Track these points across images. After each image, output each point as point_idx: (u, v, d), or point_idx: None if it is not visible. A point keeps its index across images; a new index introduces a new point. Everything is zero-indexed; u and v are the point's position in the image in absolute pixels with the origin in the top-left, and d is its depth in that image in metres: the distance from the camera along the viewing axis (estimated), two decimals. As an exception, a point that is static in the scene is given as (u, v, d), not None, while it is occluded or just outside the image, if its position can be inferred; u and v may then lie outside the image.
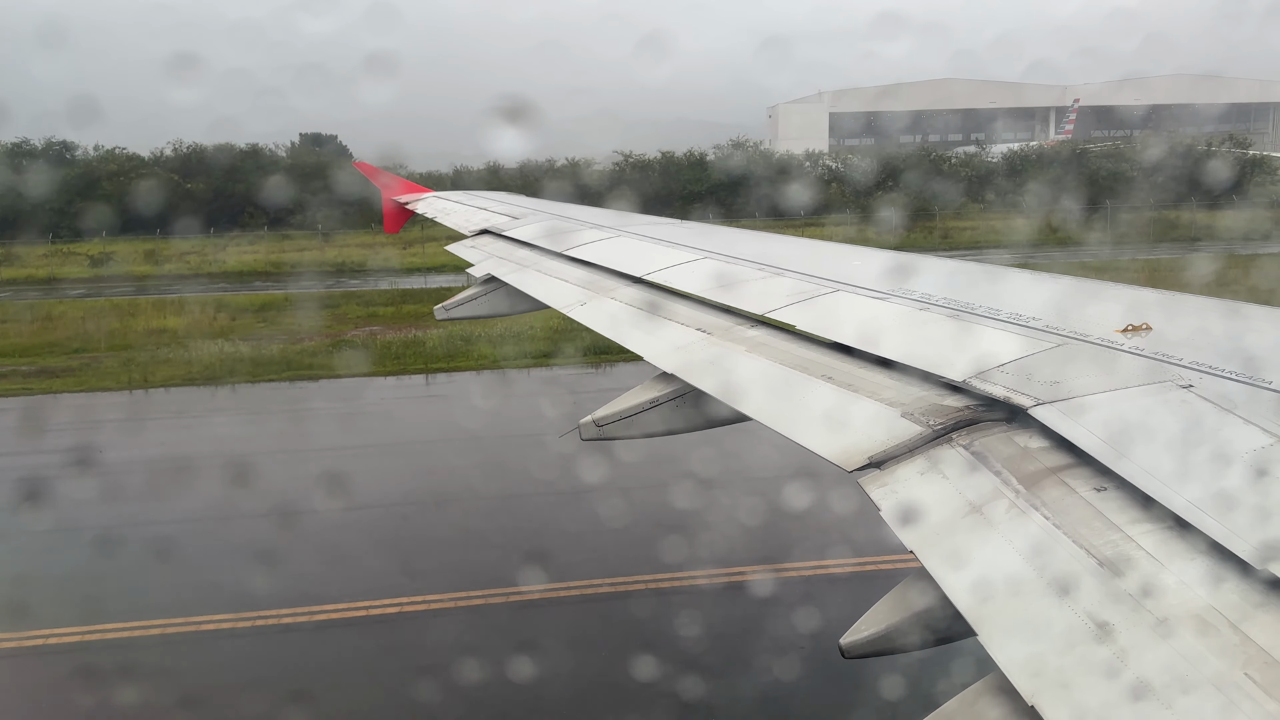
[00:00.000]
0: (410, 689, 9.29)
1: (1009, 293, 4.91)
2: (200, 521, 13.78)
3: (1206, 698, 1.98)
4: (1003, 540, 2.72)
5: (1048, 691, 2.17)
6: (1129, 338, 3.74)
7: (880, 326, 4.60)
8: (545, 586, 11.19)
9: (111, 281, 39.04)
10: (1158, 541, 2.48)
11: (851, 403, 3.94)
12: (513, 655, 9.65)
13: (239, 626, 10.61)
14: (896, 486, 3.18)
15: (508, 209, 12.69)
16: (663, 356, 5.30)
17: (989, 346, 3.93)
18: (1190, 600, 2.25)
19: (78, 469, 16.01)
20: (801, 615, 9.90)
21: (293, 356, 24.37)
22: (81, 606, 11.12)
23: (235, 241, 47.26)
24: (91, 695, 9.43)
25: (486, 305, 9.25)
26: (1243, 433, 2.80)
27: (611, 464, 12.79)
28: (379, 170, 17.64)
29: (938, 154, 62.91)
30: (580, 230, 9.61)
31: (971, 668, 2.57)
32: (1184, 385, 3.18)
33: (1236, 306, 4.29)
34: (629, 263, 7.35)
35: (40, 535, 13.19)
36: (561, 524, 13.33)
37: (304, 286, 37.08)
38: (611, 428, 5.21)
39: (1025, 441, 3.16)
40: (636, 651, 9.50)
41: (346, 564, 12.23)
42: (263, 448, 17.51)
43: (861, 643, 2.87)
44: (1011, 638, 2.37)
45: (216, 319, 29.64)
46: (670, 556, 11.30)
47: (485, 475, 15.49)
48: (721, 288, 6.09)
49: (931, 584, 2.69)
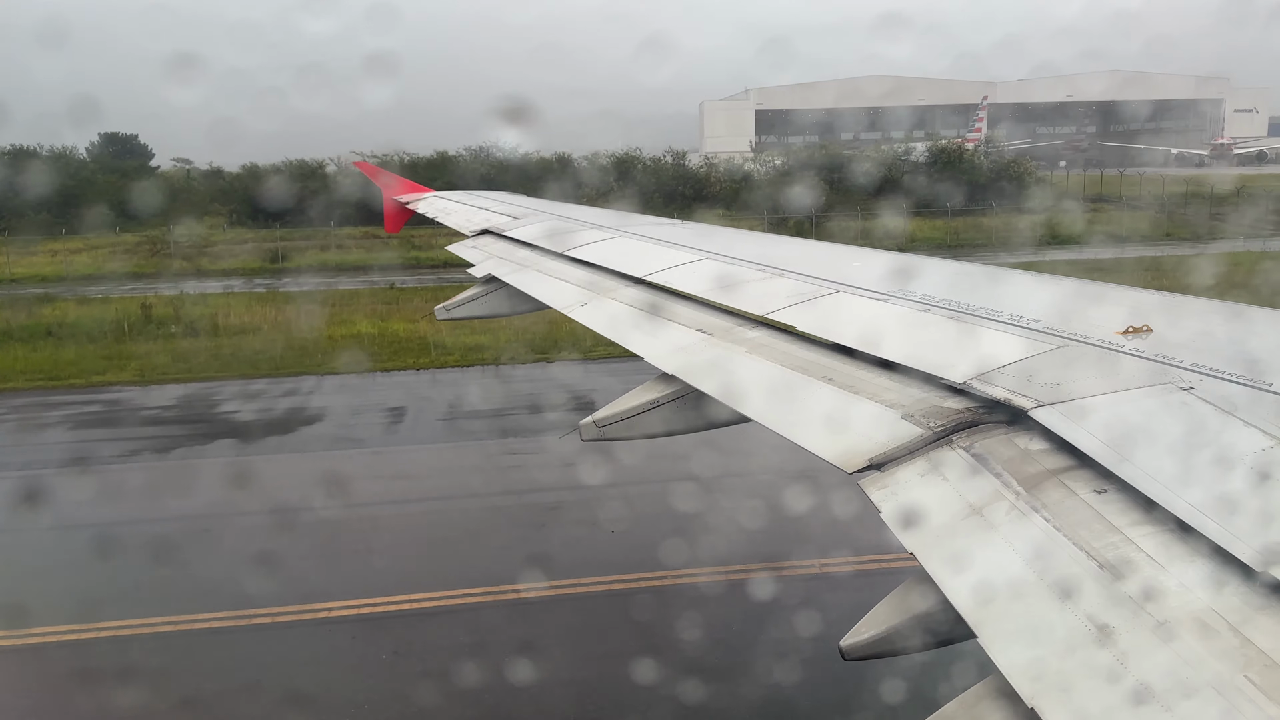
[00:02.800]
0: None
1: (1010, 294, 4.91)
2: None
3: (1207, 701, 1.98)
4: (1003, 543, 2.72)
5: (1048, 694, 2.16)
6: (1130, 340, 3.74)
7: (881, 328, 4.60)
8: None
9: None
10: (1159, 544, 2.47)
11: (852, 404, 3.94)
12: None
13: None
14: (897, 489, 3.18)
15: (508, 209, 12.70)
16: (663, 357, 5.30)
17: (990, 348, 3.93)
18: (1191, 603, 2.24)
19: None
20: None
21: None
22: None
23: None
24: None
25: (487, 305, 9.26)
26: (1244, 435, 2.80)
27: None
28: (380, 170, 17.66)
29: (838, 152, 61.15)
30: (581, 231, 9.61)
31: (972, 670, 2.57)
32: (1185, 387, 3.18)
33: (1238, 309, 4.29)
34: (630, 263, 7.35)
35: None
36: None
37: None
38: (612, 429, 5.21)
39: (1026, 444, 3.16)
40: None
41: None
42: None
43: (862, 645, 2.87)
44: (1012, 640, 2.37)
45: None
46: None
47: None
48: (722, 289, 6.09)
49: (932, 586, 2.69)
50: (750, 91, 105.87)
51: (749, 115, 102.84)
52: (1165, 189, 54.88)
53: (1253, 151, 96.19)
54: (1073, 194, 54.53)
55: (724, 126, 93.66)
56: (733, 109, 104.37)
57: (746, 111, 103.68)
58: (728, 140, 69.69)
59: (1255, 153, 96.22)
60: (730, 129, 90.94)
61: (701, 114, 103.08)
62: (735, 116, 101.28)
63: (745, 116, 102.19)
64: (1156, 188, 55.80)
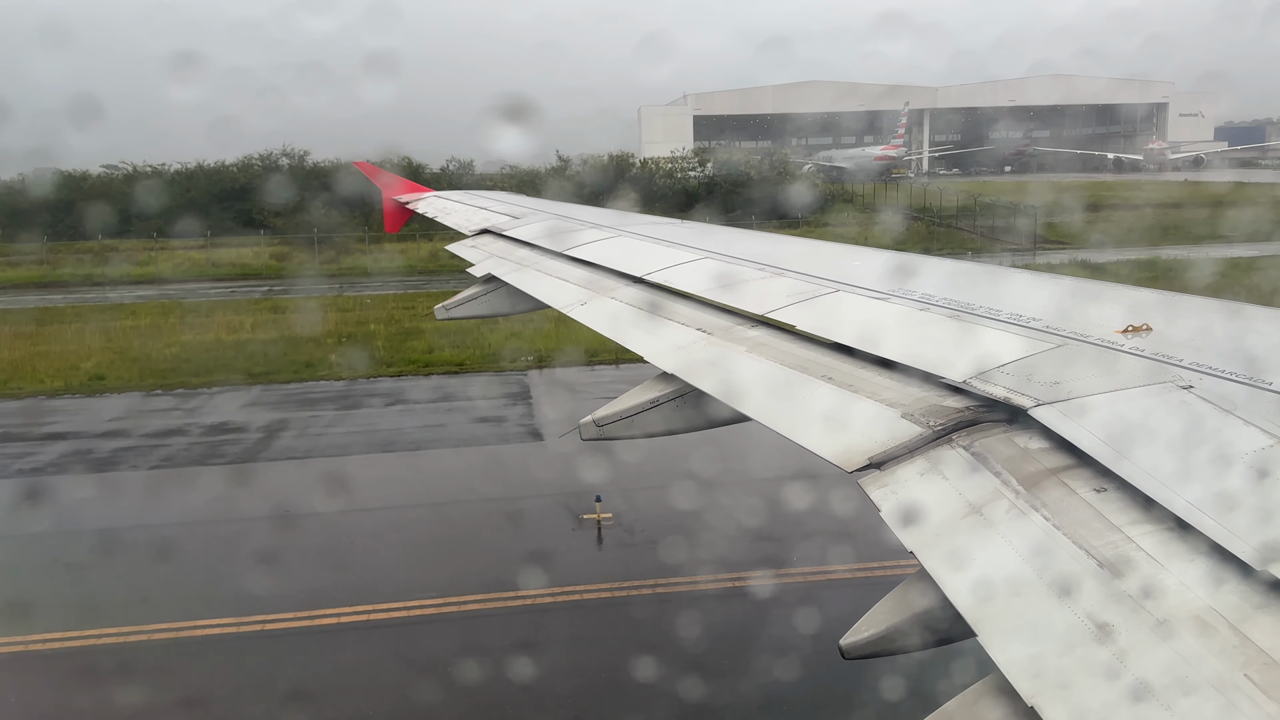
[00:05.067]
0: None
1: (1009, 293, 4.91)
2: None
3: (1206, 699, 1.98)
4: (1003, 541, 2.72)
5: (1047, 692, 2.17)
6: (1129, 338, 3.74)
7: (881, 327, 4.60)
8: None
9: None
10: (1158, 543, 2.48)
11: (852, 403, 3.94)
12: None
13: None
14: (897, 487, 3.19)
15: (508, 208, 12.70)
16: (663, 356, 5.30)
17: (989, 347, 3.94)
18: (1190, 601, 2.25)
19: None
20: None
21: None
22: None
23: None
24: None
25: (486, 305, 9.26)
26: (1243, 434, 2.80)
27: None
28: (380, 170, 17.66)
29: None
30: (580, 230, 9.61)
31: (972, 668, 2.57)
32: (1184, 386, 3.18)
33: (1237, 308, 4.29)
34: (629, 262, 7.35)
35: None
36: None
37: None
38: (612, 428, 5.21)
39: (1025, 442, 3.16)
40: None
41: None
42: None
43: (861, 643, 2.88)
44: (1011, 639, 2.38)
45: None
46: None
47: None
48: (722, 288, 6.09)
49: (932, 585, 2.69)
50: (688, 97, 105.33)
51: (686, 121, 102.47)
52: (1053, 198, 54.76)
53: (1189, 156, 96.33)
54: (900, 206, 54.39)
55: (661, 132, 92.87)
56: (670, 114, 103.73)
57: (684, 117, 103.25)
58: (664, 146, 69.13)
59: (1192, 158, 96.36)
60: (668, 134, 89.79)
61: (639, 119, 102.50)
62: (673, 122, 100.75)
63: (683, 122, 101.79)
64: (1047, 194, 55.75)
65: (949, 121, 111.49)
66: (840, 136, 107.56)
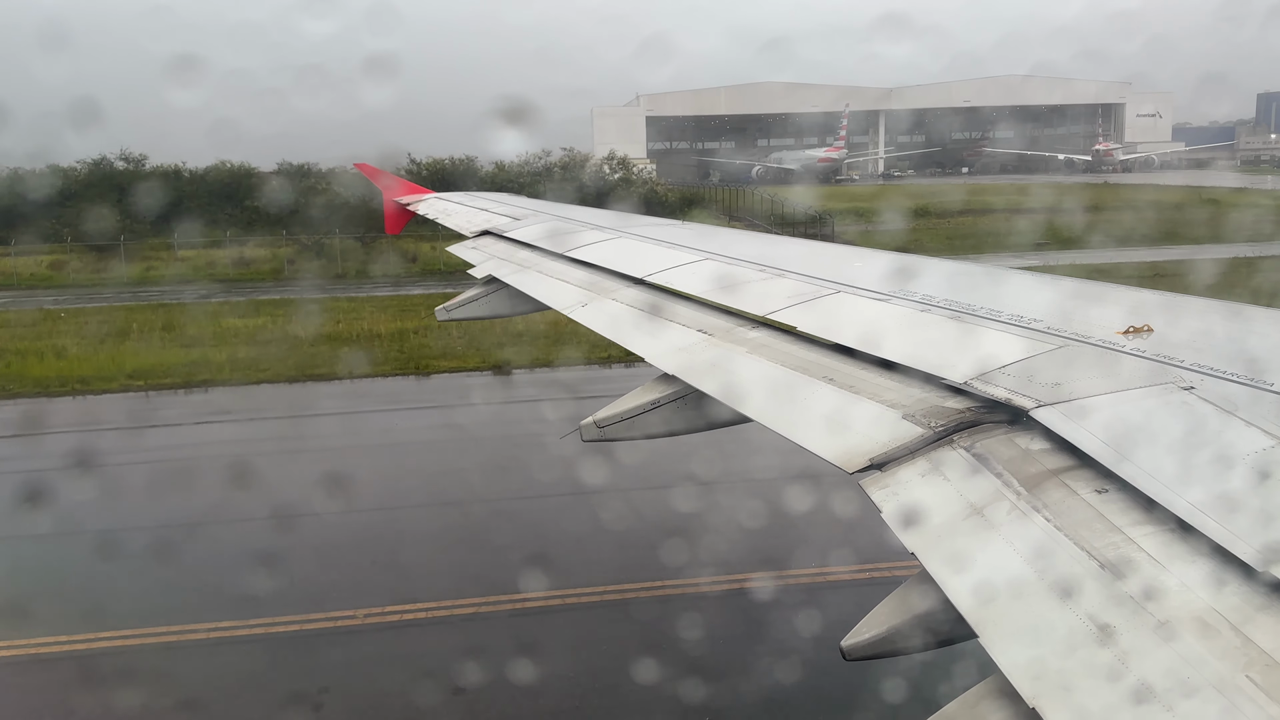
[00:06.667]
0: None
1: (1010, 294, 4.91)
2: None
3: (1208, 700, 1.98)
4: (1004, 542, 2.72)
5: (1049, 694, 2.16)
6: (1130, 339, 3.74)
7: (881, 328, 4.60)
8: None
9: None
10: (1159, 544, 2.47)
11: (853, 404, 3.94)
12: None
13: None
14: (898, 488, 3.18)
15: (509, 210, 12.69)
16: (664, 358, 5.30)
17: (990, 348, 3.93)
18: (1192, 603, 2.24)
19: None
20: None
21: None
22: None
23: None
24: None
25: (487, 306, 9.26)
26: (1245, 435, 2.80)
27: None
28: (380, 171, 17.65)
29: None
30: (581, 231, 9.61)
31: (973, 670, 2.57)
32: (1185, 387, 3.18)
33: (1238, 308, 4.29)
34: (630, 264, 7.35)
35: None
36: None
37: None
38: (613, 429, 5.21)
39: (1027, 443, 3.16)
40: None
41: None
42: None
43: (863, 645, 2.87)
44: (1013, 640, 2.37)
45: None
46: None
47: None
48: (722, 289, 6.09)
49: (933, 586, 2.69)
50: (640, 98, 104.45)
51: (639, 122, 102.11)
52: (978, 198, 54.80)
53: (1139, 157, 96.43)
54: (757, 214, 54.55)
55: (614, 134, 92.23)
56: (622, 116, 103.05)
57: (637, 118, 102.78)
58: (618, 147, 68.89)
59: (1142, 158, 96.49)
60: (620, 136, 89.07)
61: (592, 120, 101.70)
62: (625, 123, 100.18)
63: (636, 123, 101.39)
64: (961, 196, 55.62)
65: (911, 123, 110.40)
66: (803, 137, 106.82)
